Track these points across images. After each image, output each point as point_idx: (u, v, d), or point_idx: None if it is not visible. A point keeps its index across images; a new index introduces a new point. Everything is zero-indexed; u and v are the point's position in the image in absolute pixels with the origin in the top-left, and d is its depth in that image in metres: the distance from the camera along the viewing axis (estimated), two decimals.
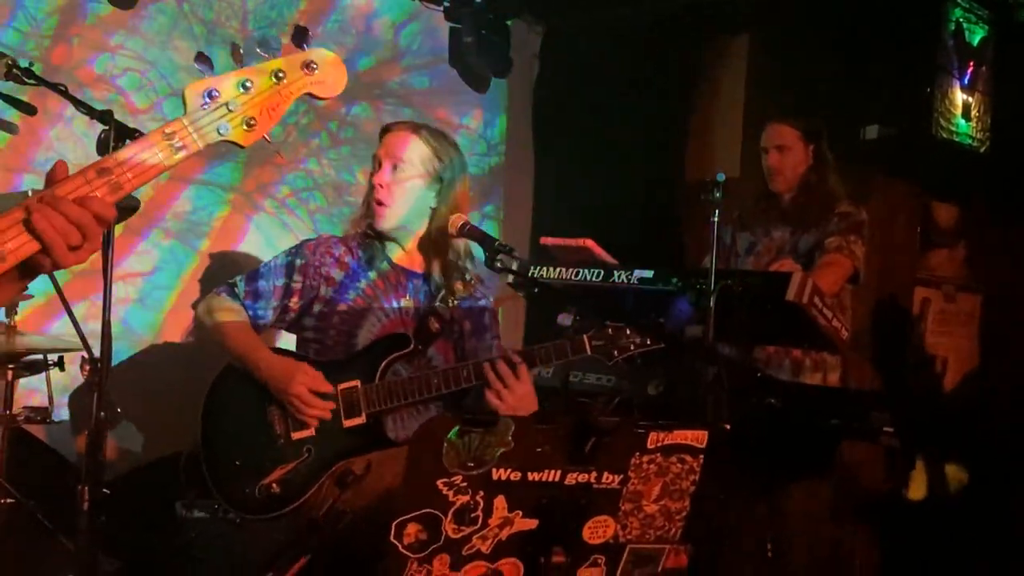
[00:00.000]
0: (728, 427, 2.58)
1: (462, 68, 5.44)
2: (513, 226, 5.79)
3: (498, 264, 2.79)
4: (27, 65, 2.93)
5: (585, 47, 5.60)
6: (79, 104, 2.85)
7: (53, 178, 1.52)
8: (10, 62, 2.91)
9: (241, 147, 1.62)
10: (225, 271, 4.53)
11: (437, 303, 3.01)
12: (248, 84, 1.59)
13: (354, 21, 5.12)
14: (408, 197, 2.96)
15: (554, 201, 5.76)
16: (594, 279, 3.53)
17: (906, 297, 5.48)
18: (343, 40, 5.05)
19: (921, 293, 5.59)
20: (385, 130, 3.03)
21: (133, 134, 2.82)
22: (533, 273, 3.60)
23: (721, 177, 3.20)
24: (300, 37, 1.64)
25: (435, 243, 2.99)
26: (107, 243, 2.78)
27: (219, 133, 1.57)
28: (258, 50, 1.62)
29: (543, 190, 5.88)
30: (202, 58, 1.60)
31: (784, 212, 4.03)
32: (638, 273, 3.45)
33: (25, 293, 2.98)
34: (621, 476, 2.03)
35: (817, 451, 3.67)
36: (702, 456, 2.08)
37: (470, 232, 2.90)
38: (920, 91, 4.87)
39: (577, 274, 3.57)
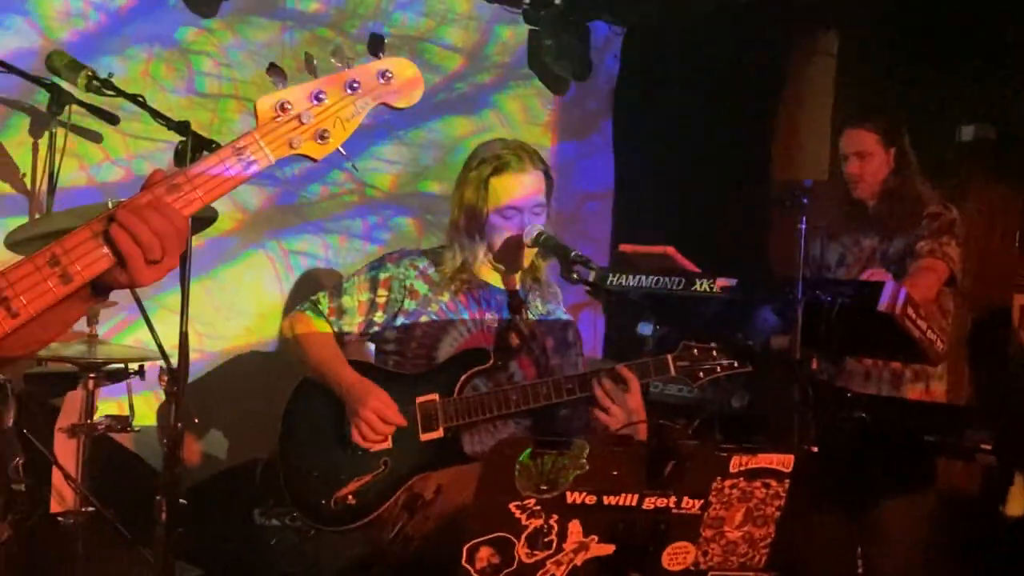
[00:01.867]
0: (816, 450, 2.48)
1: (541, 71, 5.40)
2: (593, 231, 5.73)
3: (575, 276, 2.76)
4: (107, 76, 2.97)
5: (667, 47, 5.51)
6: (157, 115, 2.88)
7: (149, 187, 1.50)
8: (90, 73, 2.96)
9: (314, 160, 1.58)
10: (308, 282, 4.58)
11: (518, 318, 3.01)
12: (321, 95, 1.56)
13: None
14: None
15: (634, 206, 5.68)
16: (675, 288, 3.45)
17: (1006, 305, 5.27)
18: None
19: (1021, 300, 5.37)
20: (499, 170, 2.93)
21: (210, 145, 2.84)
22: (612, 282, 3.53)
23: (808, 183, 3.11)
24: (375, 46, 1.60)
25: (514, 256, 2.98)
26: (184, 254, 2.79)
27: (291, 146, 1.55)
28: (332, 60, 1.58)
29: (623, 195, 5.80)
30: (275, 69, 1.56)
31: (870, 219, 3.90)
32: (721, 281, 3.36)
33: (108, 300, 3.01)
34: (702, 501, 1.97)
35: (911, 468, 3.54)
36: (788, 481, 2.01)
37: (545, 242, 2.88)
38: (1019, 88, 4.67)
39: (658, 282, 3.50)
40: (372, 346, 3.16)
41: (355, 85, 1.57)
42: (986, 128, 4.81)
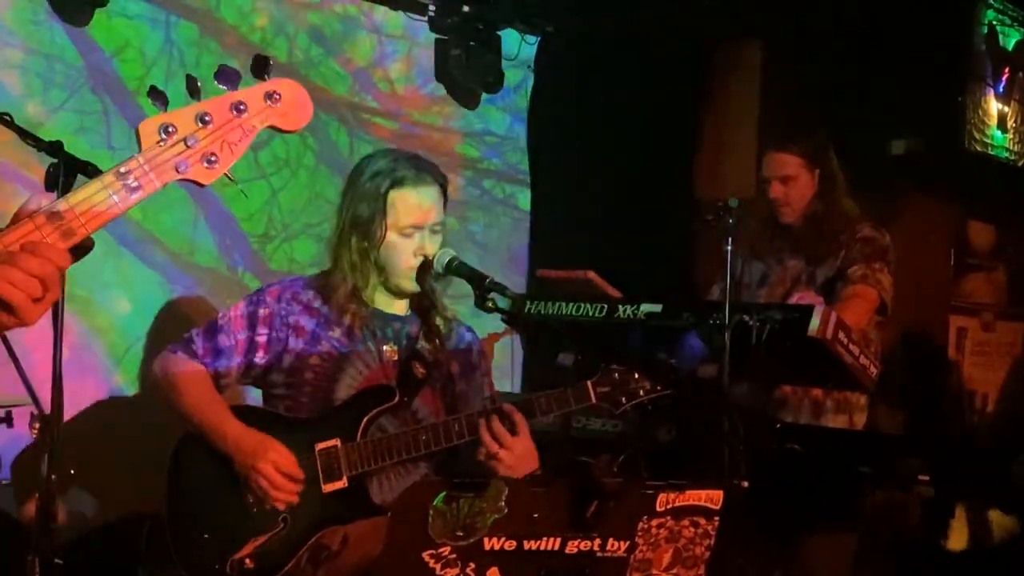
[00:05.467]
0: (746, 484, 2.55)
1: (449, 83, 5.44)
2: (506, 256, 5.77)
3: (489, 304, 2.76)
4: None
5: (583, 56, 5.60)
6: (25, 135, 2.84)
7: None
8: None
9: (201, 186, 1.61)
10: (174, 316, 4.51)
11: (419, 345, 2.95)
12: (207, 118, 1.58)
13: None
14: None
15: (552, 227, 5.74)
16: (597, 315, 3.50)
17: (940, 327, 5.46)
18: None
19: (956, 322, 5.56)
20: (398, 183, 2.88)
21: (85, 167, 2.81)
22: (529, 309, 3.57)
23: (734, 202, 3.18)
24: (261, 67, 1.63)
25: (412, 279, 2.92)
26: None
27: (177, 171, 1.57)
28: (215, 82, 1.61)
29: (540, 214, 5.86)
30: (155, 92, 1.58)
31: (796, 241, 4.00)
32: (645, 307, 3.41)
33: None
34: (628, 543, 2.00)
35: (844, 501, 3.64)
36: (718, 519, 2.05)
37: (458, 268, 2.86)
38: (950, 100, 4.87)
39: (578, 309, 3.55)
40: (250, 391, 3.08)
41: (241, 107, 1.61)
42: (917, 141, 4.98)
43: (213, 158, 1.58)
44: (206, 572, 2.73)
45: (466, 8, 5.21)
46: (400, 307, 3.00)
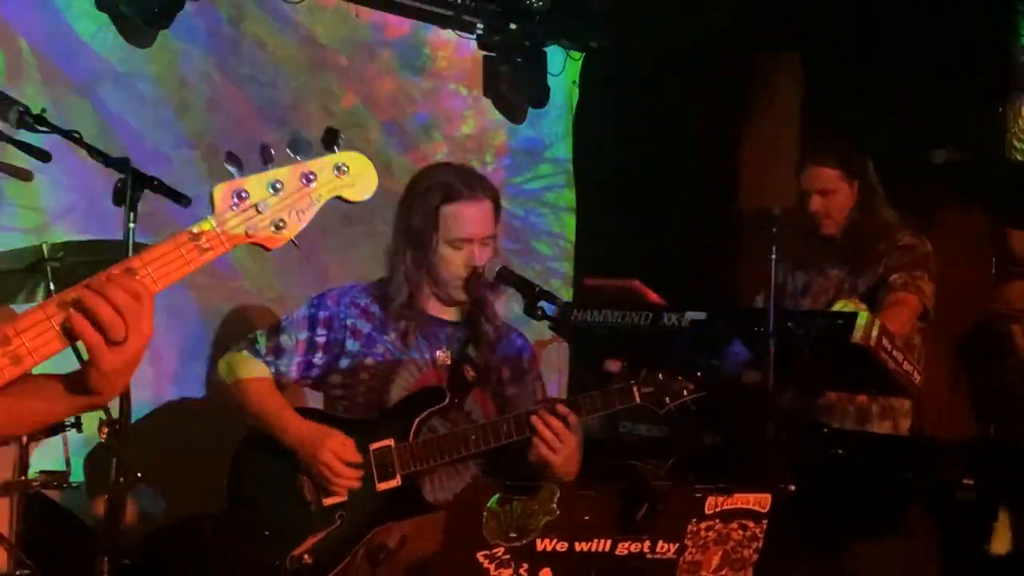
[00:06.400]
0: (793, 488, 2.53)
1: (497, 98, 5.47)
2: (551, 265, 5.78)
3: (539, 312, 2.79)
4: (40, 111, 2.97)
5: (626, 70, 5.59)
6: (95, 152, 2.88)
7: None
8: (21, 109, 2.95)
9: (267, 250, 1.64)
10: (238, 320, 4.56)
11: (470, 350, 3.00)
12: (278, 185, 1.61)
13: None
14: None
15: (597, 237, 5.74)
16: (642, 322, 3.50)
17: (981, 334, 5.38)
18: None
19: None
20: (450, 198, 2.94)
21: (151, 182, 2.85)
22: (576, 317, 3.57)
23: (777, 212, 3.17)
24: (331, 139, 1.66)
25: (463, 289, 2.97)
26: None
27: (247, 235, 1.60)
28: (287, 151, 1.64)
29: (585, 225, 5.87)
30: (232, 158, 1.61)
31: (837, 252, 3.97)
32: (690, 315, 3.41)
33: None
34: (677, 545, 1.99)
35: (889, 506, 3.59)
36: (765, 521, 2.04)
37: (508, 278, 2.90)
38: (991, 110, 4.80)
39: (624, 317, 3.55)
40: (310, 394, 3.14)
41: (311, 177, 1.63)
42: (957, 151, 4.92)
43: (282, 224, 1.61)
44: (267, 568, 2.78)
45: (513, 26, 5.24)
46: (452, 314, 3.05)
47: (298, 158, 1.63)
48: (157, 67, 4.44)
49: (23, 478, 3.30)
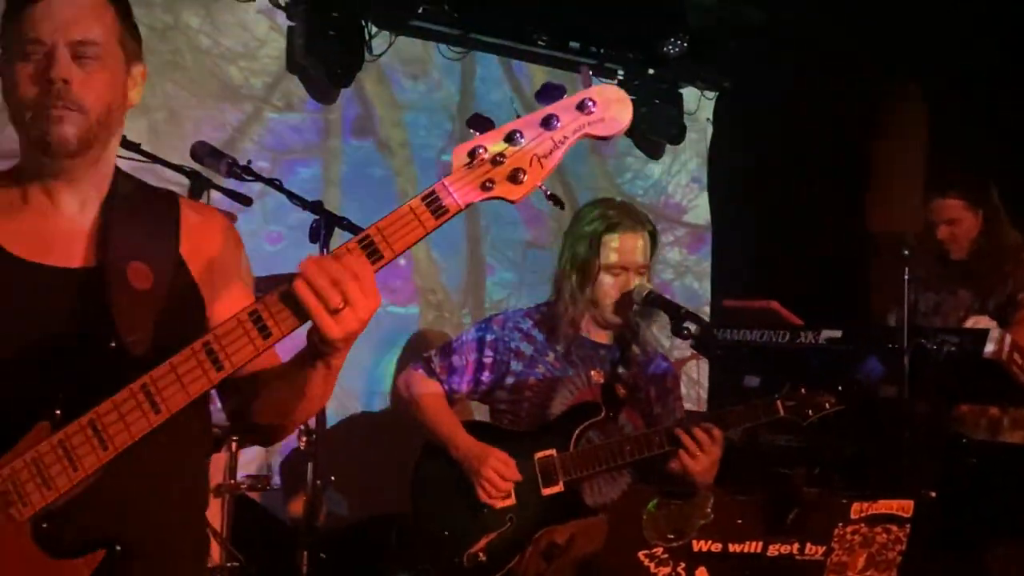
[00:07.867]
0: (933, 494, 2.46)
1: (637, 137, 5.50)
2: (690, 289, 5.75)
3: (684, 331, 2.80)
4: (246, 163, 3.13)
5: (757, 107, 5.54)
6: (293, 197, 3.02)
7: None
8: (230, 161, 3.12)
9: (512, 202, 1.48)
10: (416, 341, 4.68)
11: (620, 370, 3.03)
12: (517, 135, 1.46)
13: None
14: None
15: (734, 262, 5.69)
16: (781, 340, 3.46)
17: None
18: None
19: None
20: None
21: (341, 222, 2.97)
22: (718, 336, 3.56)
23: (909, 236, 3.11)
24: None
25: (617, 312, 3.01)
26: None
27: (483, 189, 1.46)
28: (537, 101, 1.49)
29: (722, 251, 5.82)
30: (478, 119, 1.48)
31: (965, 275, 3.86)
32: (826, 333, 3.36)
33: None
34: (824, 547, 1.97)
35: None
36: (909, 526, 2.00)
37: (655, 300, 2.92)
38: None
39: (762, 336, 3.51)
40: (478, 407, 3.20)
41: (553, 120, 1.46)
42: None
43: (521, 174, 1.45)
44: (446, 564, 2.86)
45: (651, 71, 5.27)
46: (605, 336, 3.09)
47: (542, 105, 1.47)
48: None
49: (232, 481, 3.47)
